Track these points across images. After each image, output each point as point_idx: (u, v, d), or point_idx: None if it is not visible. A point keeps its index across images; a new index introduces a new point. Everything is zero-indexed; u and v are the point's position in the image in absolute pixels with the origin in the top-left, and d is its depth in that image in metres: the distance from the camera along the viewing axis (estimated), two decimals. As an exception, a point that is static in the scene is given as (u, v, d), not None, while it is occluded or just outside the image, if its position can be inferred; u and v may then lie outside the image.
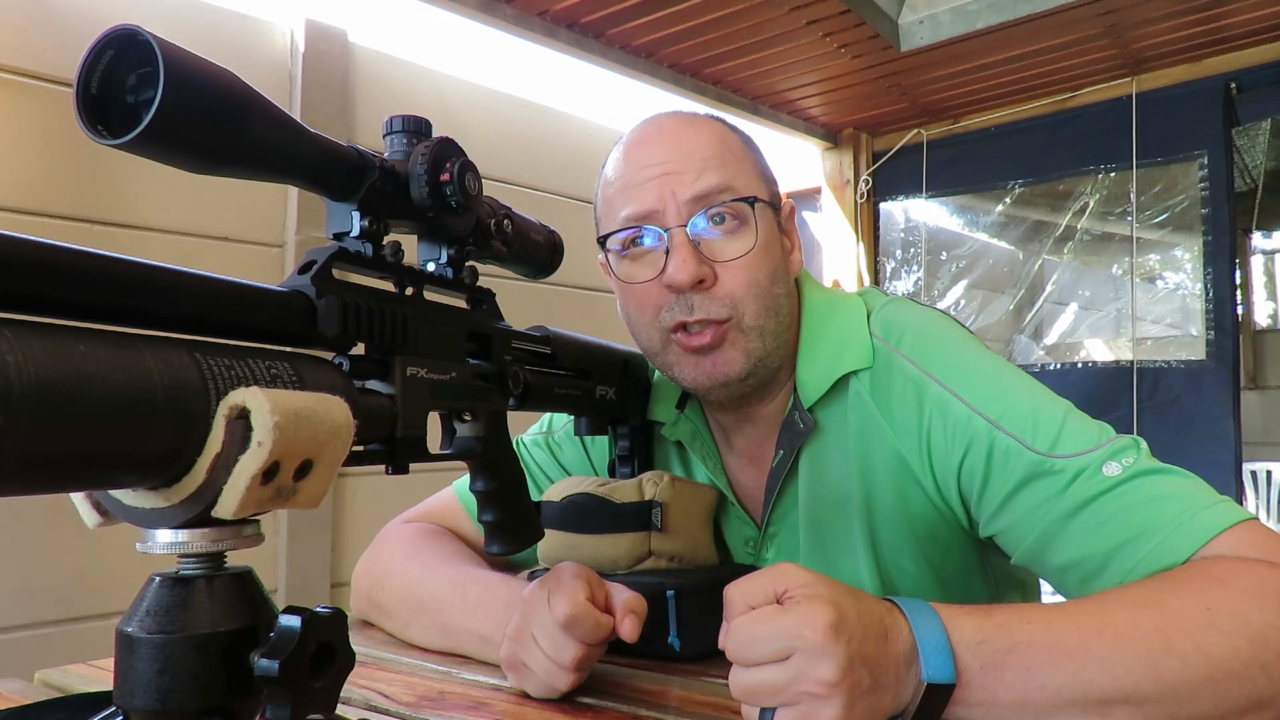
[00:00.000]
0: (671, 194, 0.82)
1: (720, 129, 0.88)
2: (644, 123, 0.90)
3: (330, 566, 2.01)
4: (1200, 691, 0.57)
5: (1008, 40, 2.55)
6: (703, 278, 0.81)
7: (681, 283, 0.80)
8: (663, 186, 0.82)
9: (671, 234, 0.82)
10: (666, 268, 0.81)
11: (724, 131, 0.88)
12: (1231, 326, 2.69)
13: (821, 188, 3.47)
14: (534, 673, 0.72)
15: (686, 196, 0.82)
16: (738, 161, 0.85)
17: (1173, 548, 0.66)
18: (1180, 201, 2.82)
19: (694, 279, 0.80)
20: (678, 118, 0.89)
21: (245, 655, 0.44)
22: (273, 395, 0.41)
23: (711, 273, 0.82)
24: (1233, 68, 2.68)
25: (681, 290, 0.81)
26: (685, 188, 0.82)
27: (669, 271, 0.81)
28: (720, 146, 0.85)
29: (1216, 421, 2.65)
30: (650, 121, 0.89)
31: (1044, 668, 0.58)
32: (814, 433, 0.88)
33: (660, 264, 0.82)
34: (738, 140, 0.88)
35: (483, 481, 0.72)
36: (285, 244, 1.98)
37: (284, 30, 2.01)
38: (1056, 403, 0.77)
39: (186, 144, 0.44)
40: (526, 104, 2.55)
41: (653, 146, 0.86)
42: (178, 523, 0.43)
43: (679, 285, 0.81)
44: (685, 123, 0.87)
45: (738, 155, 0.86)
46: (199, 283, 0.45)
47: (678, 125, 0.87)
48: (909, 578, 0.87)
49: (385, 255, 0.58)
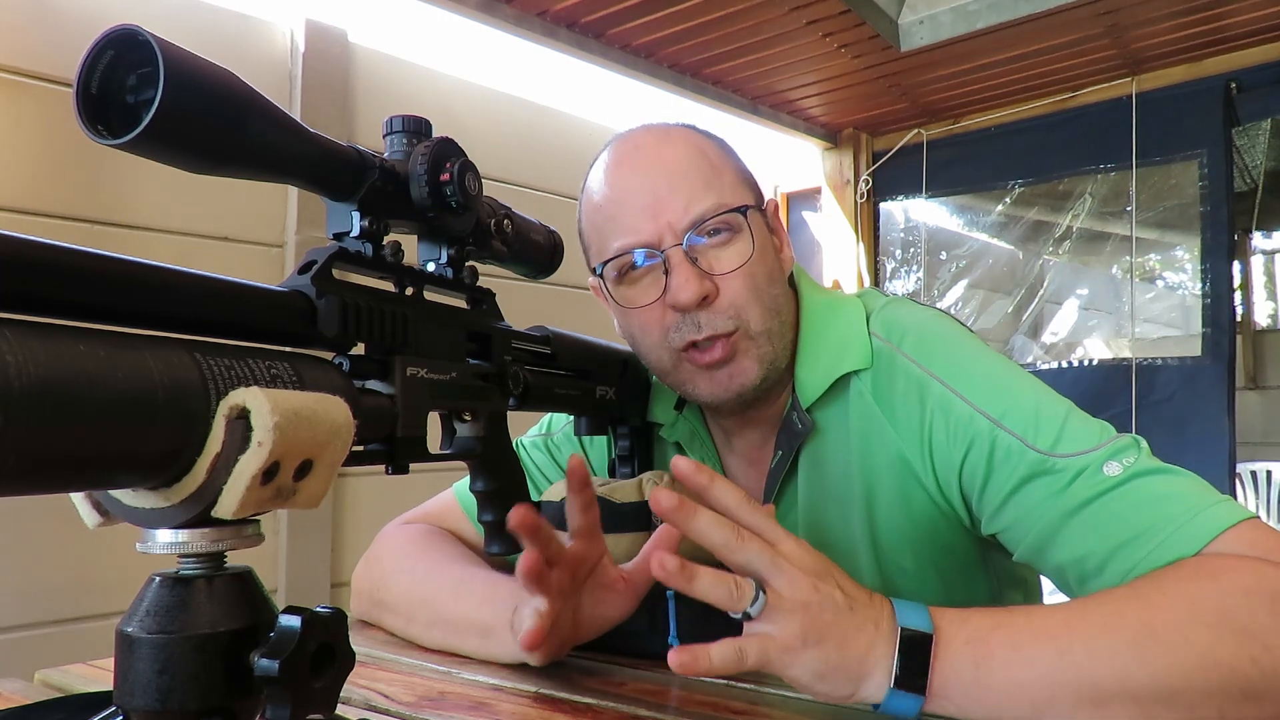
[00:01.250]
0: (668, 225, 0.82)
1: (697, 139, 0.87)
2: (618, 142, 0.89)
3: (330, 566, 2.01)
4: (1191, 680, 0.57)
5: (1008, 40, 2.55)
6: (706, 294, 0.81)
7: (686, 302, 0.80)
8: (656, 216, 0.82)
9: (669, 254, 0.82)
10: (669, 287, 0.81)
11: (701, 142, 0.87)
12: (1228, 323, 2.68)
13: (821, 188, 3.47)
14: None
15: (682, 224, 0.82)
16: (719, 173, 0.85)
17: (1173, 547, 0.66)
18: (1179, 201, 2.82)
19: (698, 297, 0.80)
20: (652, 134, 0.88)
21: (245, 655, 0.44)
22: (273, 395, 0.41)
23: (714, 287, 0.82)
24: (1233, 68, 2.68)
25: (687, 309, 0.81)
26: (679, 214, 0.82)
27: (672, 291, 0.81)
28: (702, 161, 0.85)
29: (1211, 418, 2.65)
30: (625, 140, 0.88)
31: (1030, 646, 0.59)
32: (813, 433, 0.88)
33: (660, 284, 0.82)
34: (715, 149, 0.88)
35: (483, 482, 0.72)
36: (285, 244, 1.98)
37: (284, 30, 2.01)
38: (1058, 402, 0.77)
39: (186, 144, 0.44)
40: (526, 104, 2.55)
41: (636, 171, 0.85)
42: (178, 523, 0.43)
43: (683, 305, 0.81)
44: (662, 138, 0.86)
45: (719, 167, 0.86)
46: (199, 283, 0.45)
47: (656, 143, 0.86)
48: (910, 577, 0.87)
49: (385, 255, 0.58)
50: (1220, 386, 2.66)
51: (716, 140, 0.90)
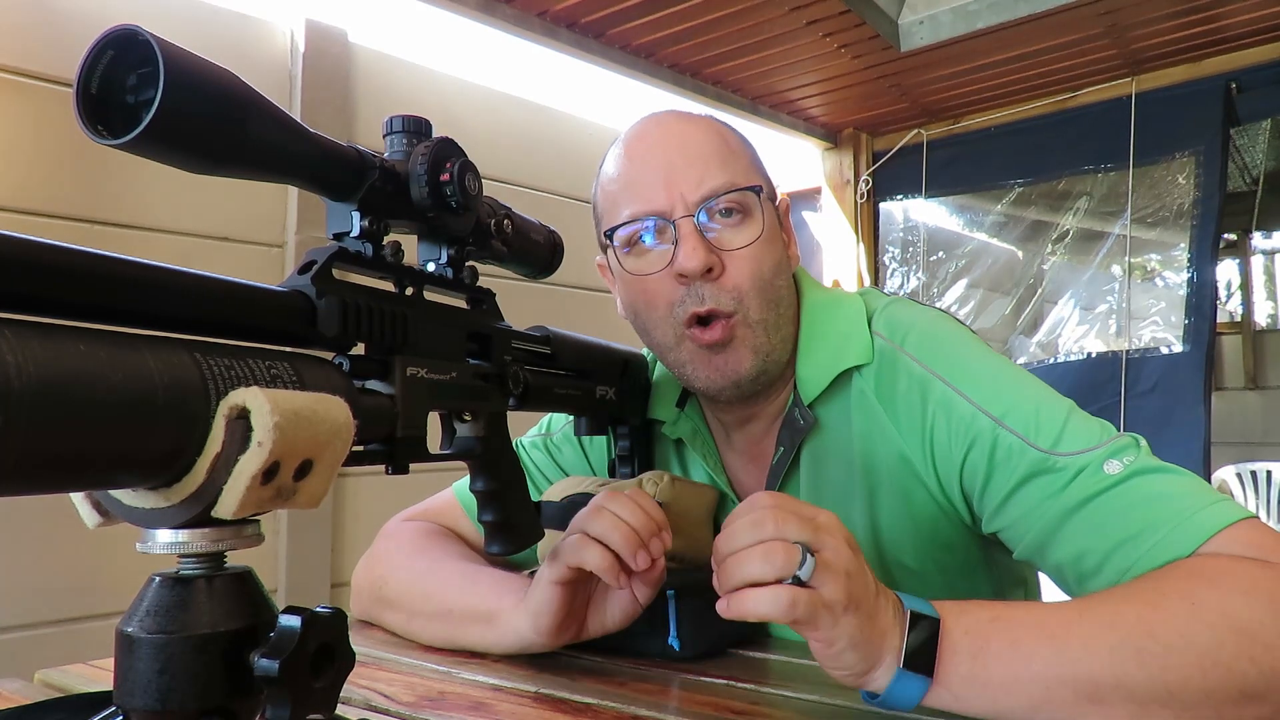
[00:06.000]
0: (680, 195, 0.83)
1: (718, 126, 0.90)
2: (643, 121, 0.91)
3: (330, 566, 2.01)
4: (1190, 681, 0.57)
5: (1008, 40, 2.55)
6: (711, 265, 0.82)
7: (692, 269, 0.81)
8: (670, 186, 0.83)
9: (679, 224, 0.83)
10: (676, 256, 0.82)
11: (722, 129, 0.90)
12: (1209, 313, 2.69)
13: (821, 188, 3.47)
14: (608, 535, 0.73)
15: (694, 196, 0.83)
16: (737, 157, 0.87)
17: (1171, 546, 0.66)
18: (1178, 200, 2.82)
19: (704, 265, 0.81)
20: (676, 115, 0.90)
21: (245, 655, 0.44)
22: (273, 395, 0.41)
23: (719, 261, 0.83)
24: (1233, 68, 2.68)
25: (692, 277, 0.82)
26: (692, 187, 0.83)
27: (679, 259, 0.82)
28: (720, 143, 0.86)
29: (1189, 407, 2.65)
30: (649, 119, 0.90)
31: (1029, 642, 0.60)
32: (814, 430, 0.88)
33: (668, 257, 0.83)
34: (735, 136, 0.90)
35: (483, 481, 0.72)
36: (285, 244, 1.98)
37: (284, 30, 2.01)
38: (1059, 401, 0.78)
39: (186, 144, 0.44)
40: (526, 104, 2.55)
41: (655, 144, 0.86)
42: (178, 523, 0.42)
43: (690, 271, 0.81)
44: (685, 120, 0.89)
45: (736, 151, 0.88)
46: (199, 283, 0.45)
47: (678, 122, 0.88)
48: (912, 575, 0.87)
49: (385, 255, 0.58)
50: (1197, 373, 2.66)
51: (736, 131, 0.92)
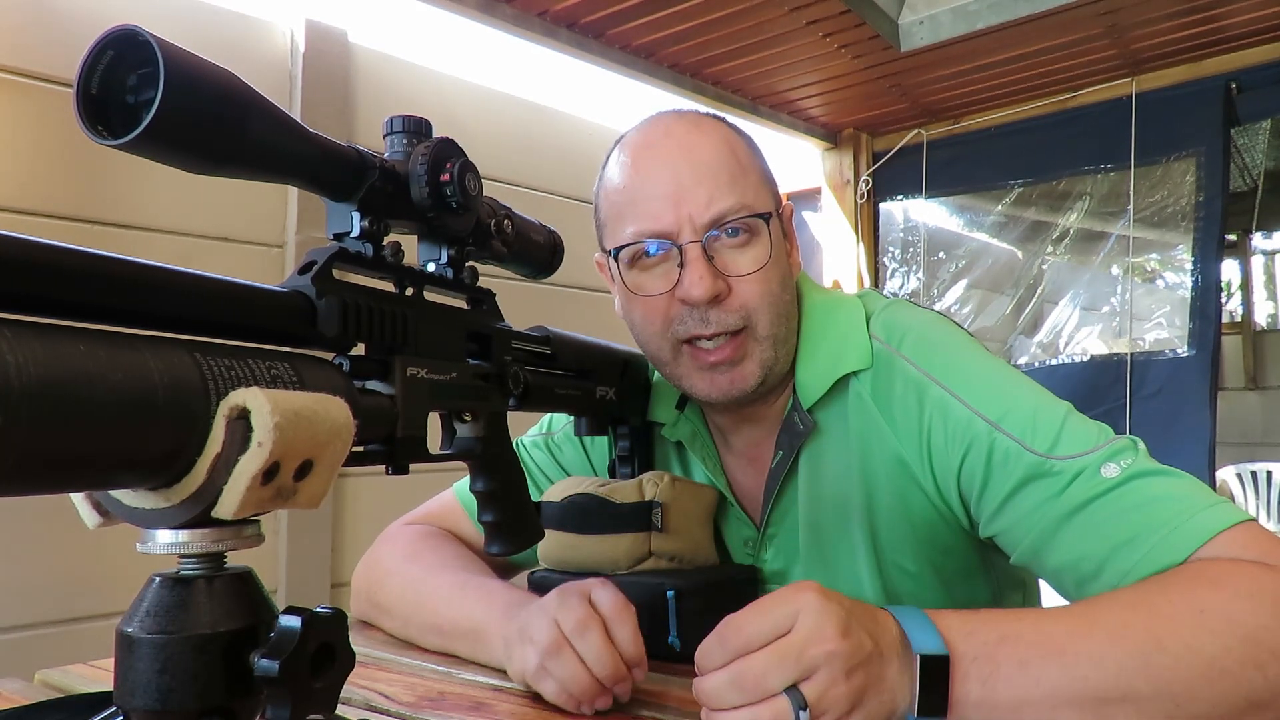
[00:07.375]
0: (688, 217, 0.80)
1: (728, 134, 0.86)
2: (650, 124, 0.87)
3: (330, 566, 2.01)
4: (1196, 691, 0.57)
5: (1008, 40, 2.55)
6: (718, 293, 0.80)
7: (698, 299, 0.80)
8: (678, 205, 0.81)
9: (686, 249, 0.81)
10: (681, 281, 0.81)
11: (731, 137, 0.86)
12: (1214, 315, 2.69)
13: (821, 188, 3.47)
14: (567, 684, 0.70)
15: (702, 219, 0.81)
16: (745, 173, 0.84)
17: (1170, 549, 0.66)
18: (1178, 200, 2.82)
19: (710, 295, 0.80)
20: (684, 121, 0.86)
21: (245, 655, 0.44)
22: (273, 395, 0.41)
23: (726, 286, 0.81)
24: (1233, 68, 2.68)
25: (697, 305, 0.81)
26: (701, 209, 0.80)
27: (684, 286, 0.80)
28: (730, 158, 0.83)
29: (1195, 410, 2.65)
30: (657, 124, 0.87)
31: (1037, 663, 0.58)
32: (813, 433, 0.88)
33: (673, 276, 0.82)
34: (744, 146, 0.87)
35: (483, 482, 0.72)
36: (285, 244, 1.98)
37: (284, 30, 2.00)
38: (1056, 404, 0.77)
39: (186, 144, 0.44)
40: (526, 104, 2.55)
41: (663, 157, 0.83)
42: (178, 523, 0.42)
43: (695, 301, 0.80)
44: (694, 129, 0.85)
45: (746, 166, 0.85)
46: (199, 283, 0.45)
47: (687, 132, 0.85)
48: (910, 579, 0.87)
49: (385, 255, 0.58)
50: (1203, 377, 2.66)
51: (746, 138, 0.89)
